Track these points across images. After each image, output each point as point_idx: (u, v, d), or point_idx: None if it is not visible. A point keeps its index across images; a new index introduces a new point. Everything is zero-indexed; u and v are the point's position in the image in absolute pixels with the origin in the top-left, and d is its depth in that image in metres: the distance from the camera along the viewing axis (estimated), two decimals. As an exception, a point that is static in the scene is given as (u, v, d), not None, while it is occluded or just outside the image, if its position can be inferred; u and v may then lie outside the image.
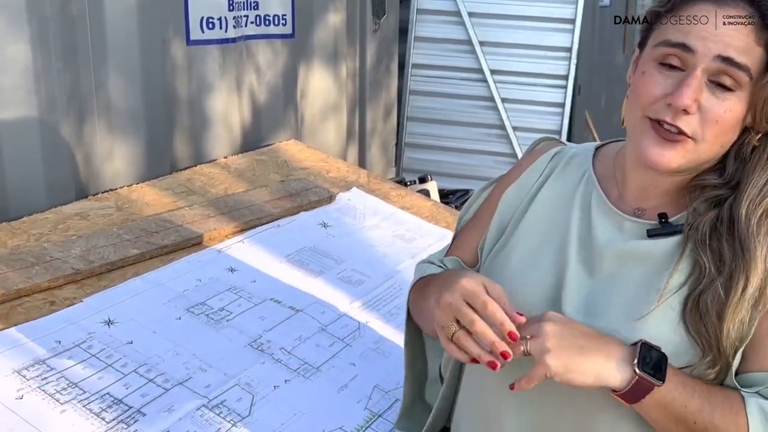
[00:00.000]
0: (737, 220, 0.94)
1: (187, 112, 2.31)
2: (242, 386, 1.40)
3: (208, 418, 1.31)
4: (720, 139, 0.94)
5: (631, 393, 0.91)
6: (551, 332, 0.92)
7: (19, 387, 1.28)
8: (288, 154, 2.51)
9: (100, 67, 2.01)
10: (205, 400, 1.35)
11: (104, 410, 1.28)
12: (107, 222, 1.87)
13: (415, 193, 2.48)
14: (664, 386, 0.91)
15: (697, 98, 0.91)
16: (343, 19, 2.85)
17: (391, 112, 3.27)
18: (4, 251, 1.66)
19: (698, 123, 0.92)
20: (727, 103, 0.92)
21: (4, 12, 1.75)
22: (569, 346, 0.92)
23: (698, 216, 0.96)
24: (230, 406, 1.35)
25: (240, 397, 1.37)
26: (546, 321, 0.93)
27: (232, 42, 2.40)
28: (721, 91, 0.92)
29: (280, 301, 1.68)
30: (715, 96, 0.91)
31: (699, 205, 0.97)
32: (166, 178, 2.17)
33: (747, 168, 0.96)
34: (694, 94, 0.90)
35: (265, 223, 2.01)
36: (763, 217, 0.94)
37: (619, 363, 0.91)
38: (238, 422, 1.31)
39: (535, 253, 1.08)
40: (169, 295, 1.62)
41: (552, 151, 1.14)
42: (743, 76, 0.91)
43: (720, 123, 0.92)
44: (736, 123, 0.93)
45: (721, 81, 0.91)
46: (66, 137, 1.96)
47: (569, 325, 0.95)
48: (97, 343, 1.43)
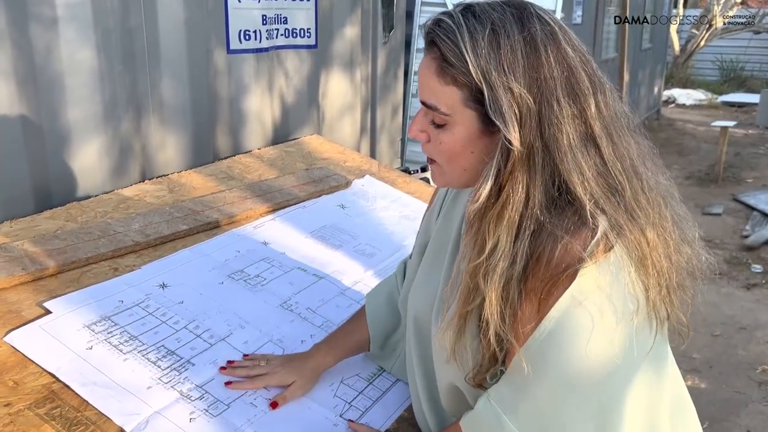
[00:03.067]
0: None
1: (227, 110, 2.28)
2: (274, 341, 1.39)
3: (246, 367, 1.31)
4: (453, 163, 0.92)
5: None
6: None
7: (89, 339, 1.28)
8: (311, 146, 2.49)
9: (154, 71, 1.99)
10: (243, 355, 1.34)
11: (160, 359, 1.27)
12: (161, 202, 1.86)
13: (418, 180, 2.46)
14: None
15: (421, 130, 0.92)
16: (357, 33, 2.81)
17: (397, 111, 3.24)
18: (75, 226, 1.65)
19: (432, 150, 0.93)
20: (441, 135, 0.90)
21: (74, 23, 1.73)
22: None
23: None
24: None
25: (273, 350, 1.37)
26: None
27: (265, 51, 2.37)
28: (435, 126, 0.91)
29: (305, 270, 1.67)
30: (435, 129, 0.91)
31: None
32: (210, 165, 2.15)
33: None
34: (415, 126, 0.93)
35: (292, 204, 1.99)
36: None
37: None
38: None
39: (426, 283, 1.07)
40: (213, 264, 1.61)
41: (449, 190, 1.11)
42: (438, 115, 0.89)
43: (442, 152, 0.92)
44: (458, 150, 0.90)
45: (431, 119, 0.91)
46: (125, 130, 1.95)
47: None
48: (153, 303, 1.42)
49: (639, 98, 9.79)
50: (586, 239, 0.81)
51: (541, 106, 0.82)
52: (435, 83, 0.87)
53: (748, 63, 14.27)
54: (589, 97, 0.84)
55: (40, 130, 1.72)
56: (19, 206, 1.70)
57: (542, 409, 0.86)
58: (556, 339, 0.83)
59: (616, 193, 0.84)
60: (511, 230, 0.84)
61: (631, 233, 0.83)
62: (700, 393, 3.16)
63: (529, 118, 0.82)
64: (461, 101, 0.86)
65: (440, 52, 0.86)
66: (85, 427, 1.09)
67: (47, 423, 1.08)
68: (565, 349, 0.83)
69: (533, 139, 0.82)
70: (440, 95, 0.87)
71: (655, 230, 0.85)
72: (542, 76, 0.82)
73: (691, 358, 3.50)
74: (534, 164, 0.83)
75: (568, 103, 0.83)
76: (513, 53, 0.82)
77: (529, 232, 0.83)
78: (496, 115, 0.83)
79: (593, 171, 0.83)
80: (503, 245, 0.84)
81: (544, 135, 0.82)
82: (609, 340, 0.82)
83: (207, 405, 1.19)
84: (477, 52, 0.83)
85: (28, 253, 1.47)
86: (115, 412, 1.13)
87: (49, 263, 1.45)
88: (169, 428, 1.13)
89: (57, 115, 1.75)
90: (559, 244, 0.81)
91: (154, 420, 1.13)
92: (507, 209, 0.83)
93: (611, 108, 0.87)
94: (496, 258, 0.84)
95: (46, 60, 1.69)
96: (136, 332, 1.32)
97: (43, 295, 1.38)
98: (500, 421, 0.88)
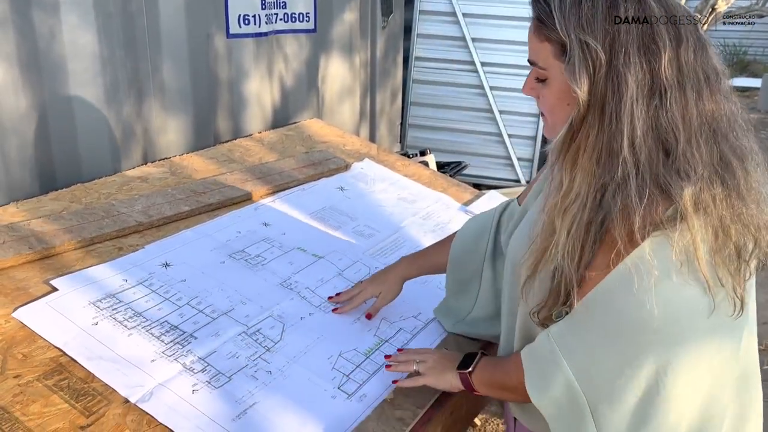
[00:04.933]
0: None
1: (227, 94, 2.31)
2: (275, 317, 1.43)
3: (247, 342, 1.34)
4: (554, 115, 0.98)
5: (464, 383, 1.16)
6: (430, 360, 1.23)
7: (94, 315, 1.32)
8: (311, 130, 2.52)
9: (155, 56, 2.01)
10: (245, 327, 1.38)
11: (163, 334, 1.31)
12: (163, 184, 1.89)
13: (417, 163, 2.49)
14: (475, 373, 1.15)
15: (531, 87, 1.00)
16: (356, 18, 2.83)
17: (396, 96, 3.26)
18: (80, 207, 1.69)
19: (541, 104, 1.00)
20: (543, 89, 0.98)
21: (75, 8, 1.76)
22: (434, 369, 1.21)
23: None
24: (265, 333, 1.38)
25: (273, 325, 1.40)
26: (430, 353, 1.26)
27: (265, 36, 2.39)
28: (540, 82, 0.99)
29: (305, 250, 1.71)
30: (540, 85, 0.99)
31: None
32: (211, 149, 2.18)
33: None
34: (527, 85, 1.01)
35: (292, 186, 2.02)
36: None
37: (455, 374, 1.18)
38: (272, 346, 1.34)
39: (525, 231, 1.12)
40: (214, 244, 1.65)
41: None
42: (540, 70, 0.97)
43: (545, 104, 0.99)
44: (556, 103, 0.96)
45: (536, 76, 0.99)
46: (127, 113, 1.98)
47: (440, 356, 1.24)
48: (156, 281, 1.46)
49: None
50: (665, 206, 0.85)
51: (611, 58, 0.87)
52: (534, 41, 0.96)
53: (751, 47, 14.18)
54: (664, 50, 0.87)
55: (44, 114, 1.75)
56: (25, 189, 1.74)
57: (596, 358, 0.90)
58: (621, 292, 0.87)
59: (669, 147, 0.86)
60: (586, 175, 0.88)
61: (709, 201, 0.85)
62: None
63: (599, 70, 0.87)
64: (553, 56, 0.94)
65: (537, 12, 0.96)
66: (92, 397, 1.14)
67: (56, 393, 1.13)
68: (628, 303, 0.86)
69: (603, 91, 0.87)
70: (538, 52, 0.96)
71: (714, 187, 0.86)
72: (617, 30, 0.87)
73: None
74: (604, 115, 0.87)
75: (638, 56, 0.87)
76: (593, 9, 0.89)
77: (603, 182, 0.87)
78: (570, 68, 0.89)
79: (651, 124, 0.86)
80: (577, 188, 0.89)
81: (612, 87, 0.87)
82: (671, 302, 0.85)
83: (209, 377, 1.23)
84: (563, 9, 0.91)
85: (34, 232, 1.51)
86: (121, 384, 1.17)
87: (55, 242, 1.49)
88: (172, 399, 1.17)
89: (60, 99, 1.78)
90: (641, 206, 0.84)
91: (158, 391, 1.18)
92: (579, 155, 0.89)
93: (692, 64, 0.88)
94: (570, 198, 0.90)
95: (49, 45, 1.72)
96: (140, 309, 1.37)
97: (49, 273, 1.42)
98: (555, 358, 0.95)
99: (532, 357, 1.00)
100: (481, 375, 1.15)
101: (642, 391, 0.89)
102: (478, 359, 1.16)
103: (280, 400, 1.22)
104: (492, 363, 1.15)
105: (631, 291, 0.86)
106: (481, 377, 1.14)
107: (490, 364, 1.15)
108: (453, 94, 5.12)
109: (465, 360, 1.18)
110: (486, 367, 1.15)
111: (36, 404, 1.10)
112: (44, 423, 1.07)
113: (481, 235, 1.38)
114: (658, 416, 0.89)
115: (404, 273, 1.46)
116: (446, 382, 1.20)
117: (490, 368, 1.14)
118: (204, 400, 1.18)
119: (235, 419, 1.16)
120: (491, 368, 1.14)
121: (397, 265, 1.47)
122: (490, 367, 1.15)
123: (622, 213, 0.85)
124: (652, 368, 0.88)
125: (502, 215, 1.36)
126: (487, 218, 1.40)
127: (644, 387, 0.89)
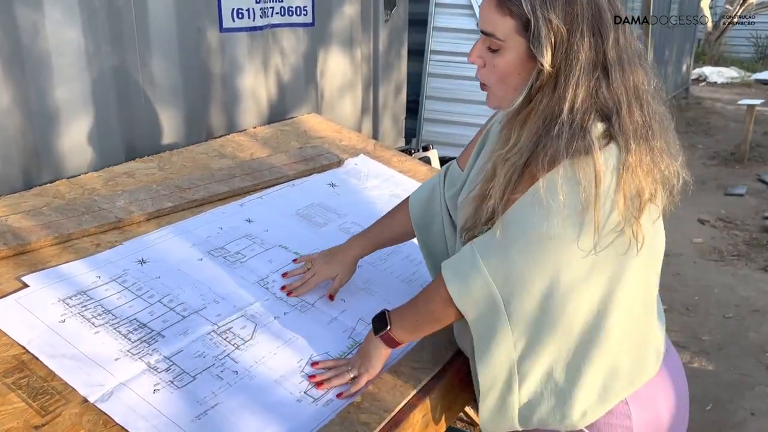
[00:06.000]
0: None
1: (220, 89, 2.29)
2: (247, 317, 1.41)
3: (216, 341, 1.33)
4: (503, 83, 1.10)
5: (389, 343, 1.26)
6: (355, 359, 1.30)
7: (62, 312, 1.31)
8: (308, 125, 2.49)
9: (144, 50, 2.00)
10: (215, 326, 1.36)
11: (131, 332, 1.30)
12: (149, 180, 1.88)
13: (413, 159, 2.45)
14: (394, 327, 1.25)
15: (479, 56, 1.11)
16: (357, 11, 2.79)
17: (401, 90, 3.21)
18: (62, 202, 1.68)
19: (486, 74, 1.12)
20: (495, 59, 1.09)
21: (59, 4, 1.75)
22: (363, 360, 1.28)
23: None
24: (235, 332, 1.36)
25: (244, 325, 1.39)
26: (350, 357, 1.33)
27: (259, 30, 2.37)
28: (490, 51, 1.10)
29: (287, 248, 1.68)
30: (490, 54, 1.10)
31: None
32: (202, 144, 2.16)
33: None
34: (474, 52, 1.12)
35: (281, 182, 2.00)
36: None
37: (377, 342, 1.27)
38: (241, 345, 1.33)
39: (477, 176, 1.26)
40: (194, 240, 1.63)
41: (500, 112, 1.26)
42: (494, 41, 1.08)
43: (495, 72, 1.10)
44: (508, 71, 1.09)
45: (487, 45, 1.10)
46: (114, 108, 1.97)
47: (359, 350, 1.31)
48: (130, 278, 1.45)
49: (666, 76, 9.56)
50: (578, 142, 1.02)
51: (570, 36, 1.02)
52: (494, 15, 1.06)
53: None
54: (610, 32, 1.04)
55: (28, 109, 1.75)
56: (9, 183, 1.74)
57: (509, 261, 1.09)
58: (531, 209, 1.05)
59: (609, 112, 1.04)
60: (531, 133, 1.06)
61: (620, 144, 1.03)
62: (707, 375, 3.12)
63: (561, 45, 1.03)
64: (514, 30, 1.05)
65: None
66: (50, 396, 1.13)
67: (13, 392, 1.12)
68: (539, 217, 1.04)
69: (561, 63, 1.03)
70: (497, 25, 1.06)
71: (643, 144, 1.05)
72: (575, 11, 1.02)
73: (700, 340, 3.45)
74: (558, 83, 1.04)
75: (590, 35, 1.03)
76: None
77: (540, 135, 1.05)
78: (535, 42, 1.03)
79: (590, 92, 1.04)
80: (521, 143, 1.06)
81: (567, 60, 1.03)
82: (573, 223, 1.03)
83: (173, 377, 1.22)
84: None
85: (11, 228, 1.51)
86: (81, 383, 1.16)
87: (30, 238, 1.49)
88: (132, 399, 1.16)
89: (45, 95, 1.78)
90: (558, 144, 1.02)
91: (118, 391, 1.16)
92: (531, 116, 1.06)
93: (627, 44, 1.07)
94: (513, 151, 1.07)
95: (33, 40, 1.72)
96: (110, 306, 1.36)
97: (23, 270, 1.41)
98: (475, 261, 1.11)
99: (454, 266, 1.15)
100: (402, 324, 1.25)
101: (545, 286, 1.07)
102: (388, 315, 1.27)
103: (244, 402, 1.20)
104: (404, 307, 1.26)
105: (539, 209, 1.04)
106: (402, 326, 1.25)
107: (402, 309, 1.26)
108: (468, 88, 5.05)
109: (377, 324, 1.28)
110: (402, 315, 1.25)
111: (-8, 402, 1.09)
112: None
113: (433, 198, 1.45)
114: (557, 307, 1.08)
115: (358, 253, 1.49)
116: (378, 359, 1.28)
117: (406, 311, 1.25)
118: (165, 400, 1.17)
119: (194, 420, 1.15)
120: (407, 310, 1.25)
121: (349, 245, 1.50)
122: (405, 310, 1.26)
123: (548, 159, 1.03)
124: (554, 268, 1.06)
125: (446, 176, 1.44)
126: (434, 183, 1.47)
127: (547, 282, 1.07)
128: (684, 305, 3.83)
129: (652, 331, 1.21)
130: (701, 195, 5.74)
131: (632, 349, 1.16)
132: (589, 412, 1.13)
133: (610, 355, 1.13)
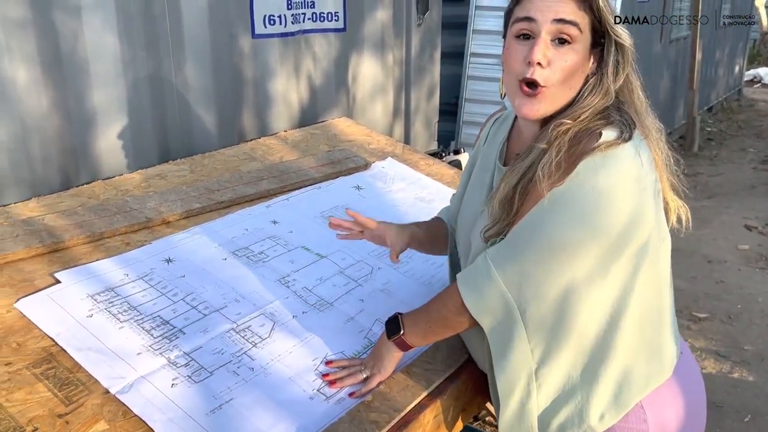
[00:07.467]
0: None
1: (252, 93, 2.35)
2: (266, 315, 1.45)
3: (234, 339, 1.37)
4: (567, 83, 1.09)
5: (401, 346, 1.27)
6: (369, 359, 1.32)
7: (90, 308, 1.38)
8: (338, 129, 2.53)
9: (178, 55, 2.07)
10: (234, 324, 1.40)
11: (154, 328, 1.35)
12: (180, 181, 1.95)
13: (441, 162, 2.46)
14: (406, 331, 1.25)
15: (545, 54, 1.07)
16: (389, 16, 2.82)
17: (434, 93, 3.22)
18: (96, 203, 1.76)
19: (549, 73, 1.08)
20: (568, 54, 1.08)
21: (98, 11, 1.83)
22: (376, 361, 1.30)
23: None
24: (254, 330, 1.40)
25: (263, 323, 1.42)
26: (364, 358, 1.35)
27: (291, 35, 2.42)
28: (560, 46, 1.08)
29: (309, 249, 1.72)
30: (557, 50, 1.08)
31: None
32: (233, 147, 2.22)
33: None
34: (542, 51, 1.07)
35: (308, 185, 2.04)
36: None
37: (390, 345, 1.28)
38: (258, 343, 1.36)
39: (470, 202, 1.31)
40: (219, 241, 1.68)
41: (492, 119, 1.29)
42: (574, 30, 1.07)
43: (564, 69, 1.08)
44: (576, 68, 1.09)
45: (559, 37, 1.07)
46: (149, 112, 2.04)
47: (372, 352, 1.33)
48: (156, 276, 1.51)
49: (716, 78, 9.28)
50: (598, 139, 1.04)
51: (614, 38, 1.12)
52: (574, 6, 1.08)
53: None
54: (629, 41, 1.12)
55: (67, 113, 1.84)
56: (48, 184, 1.83)
57: (524, 269, 1.09)
58: (544, 216, 1.06)
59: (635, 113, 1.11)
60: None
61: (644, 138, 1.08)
62: (747, 385, 3.03)
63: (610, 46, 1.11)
64: (589, 26, 1.09)
65: None
66: (75, 387, 1.19)
67: (41, 382, 1.18)
68: (551, 224, 1.05)
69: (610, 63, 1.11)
70: (576, 15, 1.08)
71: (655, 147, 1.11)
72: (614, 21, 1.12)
73: (742, 350, 3.35)
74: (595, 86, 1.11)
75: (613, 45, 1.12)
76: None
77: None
78: (604, 41, 1.11)
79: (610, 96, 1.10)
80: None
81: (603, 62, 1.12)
82: (586, 228, 1.04)
83: (191, 372, 1.27)
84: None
85: (47, 227, 1.59)
86: (104, 375, 1.22)
87: (64, 237, 1.56)
88: (151, 392, 1.21)
89: (83, 99, 1.87)
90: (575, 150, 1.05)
91: (138, 384, 1.22)
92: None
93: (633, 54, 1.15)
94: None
95: (72, 46, 1.80)
96: (136, 303, 1.41)
97: (56, 266, 1.49)
98: (489, 272, 1.12)
99: (469, 277, 1.16)
100: (414, 329, 1.26)
101: (560, 292, 1.08)
102: (401, 319, 1.27)
103: (258, 397, 1.24)
104: (417, 312, 1.27)
105: (551, 213, 1.05)
106: (414, 331, 1.25)
107: (416, 314, 1.27)
108: (508, 91, 5.04)
109: (390, 328, 1.28)
110: (415, 320, 1.26)
111: (21, 391, 1.16)
112: (25, 410, 1.12)
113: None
114: (573, 313, 1.09)
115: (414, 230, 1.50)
116: (391, 361, 1.29)
117: (419, 317, 1.26)
118: (182, 394, 1.21)
119: (209, 414, 1.19)
120: (420, 316, 1.26)
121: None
122: (418, 315, 1.26)
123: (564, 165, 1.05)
124: (568, 274, 1.07)
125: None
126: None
127: (562, 290, 1.08)
128: (726, 314, 3.72)
129: (666, 332, 1.20)
130: (750, 200, 5.57)
131: (646, 351, 1.15)
132: (607, 415, 1.13)
133: (625, 358, 1.13)
